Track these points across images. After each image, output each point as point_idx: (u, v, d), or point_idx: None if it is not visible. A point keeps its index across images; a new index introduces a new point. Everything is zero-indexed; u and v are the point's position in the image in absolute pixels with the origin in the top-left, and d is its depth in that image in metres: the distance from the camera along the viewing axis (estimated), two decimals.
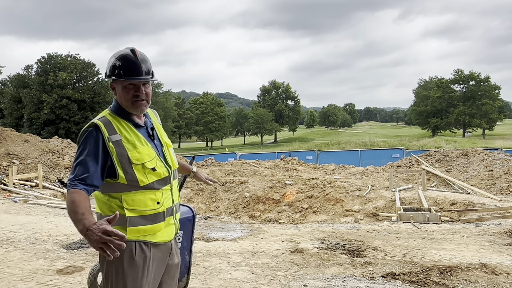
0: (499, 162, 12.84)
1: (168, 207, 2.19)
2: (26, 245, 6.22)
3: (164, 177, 2.17)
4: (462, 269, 4.82)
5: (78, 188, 1.95)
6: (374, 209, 10.81)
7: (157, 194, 2.13)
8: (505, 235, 6.54)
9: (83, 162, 2.01)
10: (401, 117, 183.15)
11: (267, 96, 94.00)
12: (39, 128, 41.72)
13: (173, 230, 2.24)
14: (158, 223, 2.13)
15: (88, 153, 2.02)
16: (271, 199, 12.19)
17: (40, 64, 46.02)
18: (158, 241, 2.15)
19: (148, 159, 2.11)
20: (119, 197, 2.08)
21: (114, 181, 2.08)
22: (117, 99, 2.17)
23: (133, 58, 2.11)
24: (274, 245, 6.08)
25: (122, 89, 2.13)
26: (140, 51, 2.15)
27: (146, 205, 2.09)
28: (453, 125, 75.80)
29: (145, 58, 2.16)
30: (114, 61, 2.13)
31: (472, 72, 75.79)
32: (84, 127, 2.11)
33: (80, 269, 5.04)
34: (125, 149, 2.07)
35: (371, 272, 4.81)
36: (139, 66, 2.11)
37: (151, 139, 2.21)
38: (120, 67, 2.10)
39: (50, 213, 8.90)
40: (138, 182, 2.07)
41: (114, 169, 2.06)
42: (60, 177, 13.58)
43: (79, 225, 1.80)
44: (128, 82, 2.11)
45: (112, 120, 2.13)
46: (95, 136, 2.05)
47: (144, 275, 2.10)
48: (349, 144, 48.75)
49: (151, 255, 2.13)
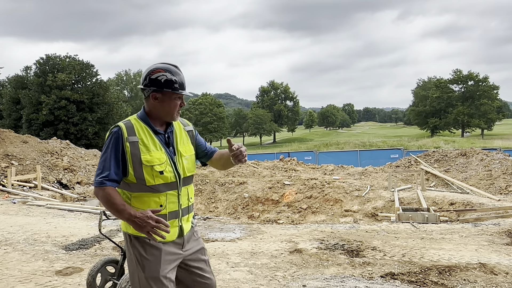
0: (498, 162, 12.86)
1: (172, 210, 2.40)
2: (25, 246, 6.21)
3: (170, 182, 2.38)
4: (461, 269, 4.82)
5: (106, 186, 2.25)
6: (373, 209, 10.81)
7: (161, 197, 2.36)
8: (503, 235, 6.55)
9: (105, 159, 2.31)
10: (400, 117, 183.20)
11: (266, 96, 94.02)
12: (38, 129, 41.61)
13: (176, 231, 2.44)
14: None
15: (110, 152, 2.31)
16: (270, 200, 12.20)
17: (38, 65, 45.91)
18: (161, 240, 2.34)
19: (158, 162, 2.34)
20: (129, 196, 2.37)
21: (126, 180, 2.35)
22: (156, 108, 2.41)
23: (182, 75, 2.43)
24: (273, 246, 6.08)
25: (170, 101, 2.39)
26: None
27: (149, 206, 2.33)
28: (452, 125, 75.83)
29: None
30: (169, 76, 2.36)
31: (471, 72, 75.85)
32: (110, 129, 2.39)
33: (79, 270, 5.03)
34: (139, 150, 2.32)
35: (370, 272, 4.82)
36: (184, 82, 2.44)
37: (167, 146, 2.43)
38: (176, 82, 2.37)
39: (49, 214, 8.89)
40: (145, 181, 2.31)
41: (126, 167, 2.32)
42: (59, 178, 13.56)
43: (124, 213, 2.18)
44: (177, 95, 2.40)
45: (135, 124, 2.39)
46: (116, 136, 2.32)
47: (159, 265, 2.35)
48: (348, 145, 48.79)
49: (164, 249, 2.38)
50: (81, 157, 16.05)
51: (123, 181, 2.36)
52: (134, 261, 2.39)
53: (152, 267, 2.35)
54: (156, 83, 2.36)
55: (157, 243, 2.36)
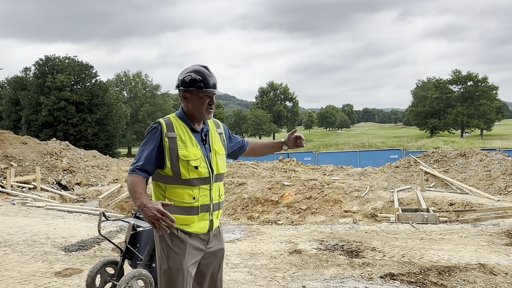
0: (497, 162, 12.87)
1: (203, 204, 2.56)
2: (24, 247, 6.20)
3: (204, 177, 2.54)
4: (460, 270, 4.83)
5: (136, 173, 2.43)
6: (372, 209, 10.82)
7: (194, 190, 2.52)
8: (503, 235, 6.55)
9: (142, 151, 2.50)
10: (399, 117, 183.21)
11: (265, 97, 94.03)
12: (37, 130, 41.57)
13: (207, 224, 2.59)
14: (191, 216, 2.52)
15: (147, 145, 2.50)
16: (269, 200, 12.19)
17: (38, 66, 45.88)
18: (192, 231, 2.53)
19: (193, 158, 2.51)
20: (163, 188, 2.53)
21: (163, 172, 2.50)
22: (187, 107, 2.59)
23: (209, 74, 2.57)
24: (272, 246, 6.08)
25: (199, 100, 2.56)
26: (210, 69, 2.62)
27: (183, 198, 2.50)
28: (451, 126, 75.84)
29: (214, 74, 2.64)
30: (194, 75, 2.55)
31: (470, 72, 75.89)
32: (155, 122, 2.57)
33: (79, 272, 5.03)
34: (176, 146, 2.49)
35: (370, 272, 4.82)
36: (213, 81, 2.58)
37: (203, 143, 2.61)
38: (200, 81, 2.53)
39: (48, 215, 8.88)
40: (180, 175, 2.48)
41: (164, 160, 2.48)
42: (59, 179, 13.55)
43: (138, 201, 2.29)
44: (205, 93, 2.54)
45: (174, 121, 2.57)
46: (156, 131, 2.51)
47: (183, 257, 2.50)
48: (348, 145, 48.79)
49: (190, 242, 2.53)
50: (81, 158, 16.04)
51: (159, 173, 2.53)
52: (160, 252, 2.55)
53: (177, 259, 2.50)
54: (183, 83, 2.56)
55: (184, 236, 2.51)
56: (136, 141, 68.22)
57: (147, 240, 3.69)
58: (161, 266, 2.56)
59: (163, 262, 2.55)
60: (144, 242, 3.72)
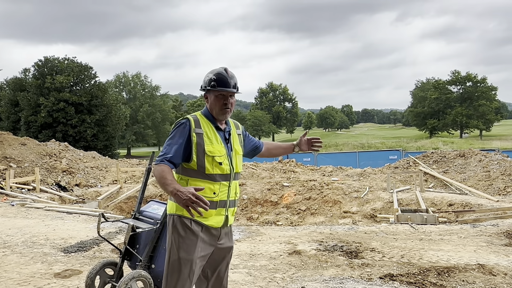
0: (496, 163, 12.88)
1: (222, 199, 2.69)
2: (24, 248, 6.20)
3: (225, 173, 2.69)
4: (459, 270, 4.83)
5: (163, 163, 2.54)
6: (372, 210, 10.82)
7: (215, 186, 2.66)
8: (502, 236, 6.56)
9: (170, 144, 2.62)
10: (399, 118, 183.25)
11: (265, 98, 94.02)
12: (36, 132, 41.52)
13: (223, 219, 2.72)
14: (210, 209, 2.58)
15: (175, 138, 2.63)
16: (269, 201, 12.19)
17: (37, 67, 45.85)
18: (208, 224, 2.66)
19: (218, 154, 2.67)
20: (186, 180, 2.66)
21: (187, 166, 2.65)
22: (208, 107, 2.76)
23: (225, 74, 2.71)
24: (272, 247, 6.08)
25: (214, 98, 2.71)
26: (230, 70, 2.75)
27: (204, 192, 2.60)
28: (451, 126, 75.91)
29: (234, 75, 2.76)
30: (210, 76, 2.71)
31: (469, 73, 75.98)
32: (178, 119, 2.73)
33: (78, 273, 5.02)
34: (203, 141, 2.65)
35: (369, 273, 4.82)
36: (229, 81, 2.70)
37: (226, 142, 2.76)
38: (215, 80, 2.68)
39: (48, 216, 8.87)
40: (205, 169, 2.63)
41: (190, 154, 2.63)
42: (58, 180, 13.54)
43: (170, 187, 2.42)
44: (219, 92, 2.69)
45: (201, 119, 2.73)
46: (184, 127, 2.65)
47: (194, 250, 2.62)
48: (347, 146, 48.80)
49: (201, 236, 2.65)
50: (80, 159, 16.03)
51: (183, 166, 2.67)
52: (172, 243, 2.66)
53: (188, 250, 2.61)
54: (203, 84, 2.76)
55: (197, 229, 2.63)
56: (135, 142, 68.24)
57: (146, 241, 3.69)
58: (170, 256, 2.65)
59: (173, 252, 2.64)
60: (144, 243, 3.71)
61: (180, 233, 2.63)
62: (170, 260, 2.65)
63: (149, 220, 3.68)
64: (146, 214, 3.78)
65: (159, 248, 3.58)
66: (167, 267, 2.67)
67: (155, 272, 3.56)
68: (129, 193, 13.12)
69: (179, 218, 2.66)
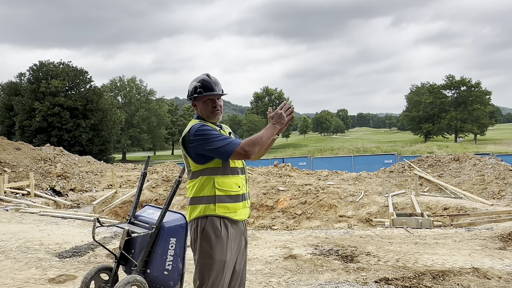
0: (491, 167, 12.95)
1: (244, 192, 2.83)
2: (18, 254, 6.16)
3: (241, 167, 2.85)
4: (454, 274, 4.85)
5: (238, 141, 2.68)
6: (367, 214, 10.84)
7: (238, 179, 2.79)
8: (496, 239, 6.59)
9: (217, 136, 2.66)
10: (394, 122, 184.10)
11: (260, 102, 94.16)
12: (31, 136, 41.37)
13: (247, 212, 2.88)
14: (238, 203, 2.77)
15: (214, 132, 2.70)
16: (264, 206, 12.19)
17: (32, 72, 45.77)
18: (238, 218, 2.76)
19: None
20: (212, 179, 2.71)
21: (211, 165, 2.71)
22: (199, 113, 2.85)
23: (209, 80, 2.81)
24: (267, 252, 6.08)
25: (203, 104, 2.81)
26: (212, 75, 2.86)
27: (231, 187, 2.74)
28: (445, 130, 76.32)
29: (217, 79, 2.87)
30: (195, 84, 2.81)
31: (463, 78, 76.52)
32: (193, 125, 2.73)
33: (73, 278, 5.00)
34: None
35: (364, 277, 4.83)
36: (214, 85, 2.81)
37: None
38: (200, 87, 2.79)
39: (42, 221, 8.83)
40: (229, 163, 2.72)
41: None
42: (52, 185, 13.48)
43: (268, 130, 2.71)
44: (207, 97, 2.79)
45: (206, 122, 2.80)
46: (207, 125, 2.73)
47: (228, 248, 2.70)
48: (342, 150, 48.87)
49: (232, 233, 2.74)
50: (75, 164, 15.97)
51: (207, 168, 2.72)
52: (202, 245, 2.68)
53: (221, 250, 2.68)
54: (189, 93, 2.86)
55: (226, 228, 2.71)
56: (130, 147, 68.11)
57: (141, 246, 3.68)
58: (204, 260, 2.68)
59: (207, 255, 2.67)
60: (139, 248, 3.70)
61: (212, 236, 2.67)
62: (206, 264, 2.68)
63: (145, 225, 3.67)
64: (141, 219, 3.77)
65: (154, 253, 3.57)
66: (202, 271, 2.69)
67: (150, 277, 3.55)
68: (124, 197, 13.08)
69: (209, 222, 2.69)
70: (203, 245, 2.68)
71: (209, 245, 2.66)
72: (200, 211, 2.72)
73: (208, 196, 2.70)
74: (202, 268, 2.69)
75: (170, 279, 3.40)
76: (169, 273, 3.40)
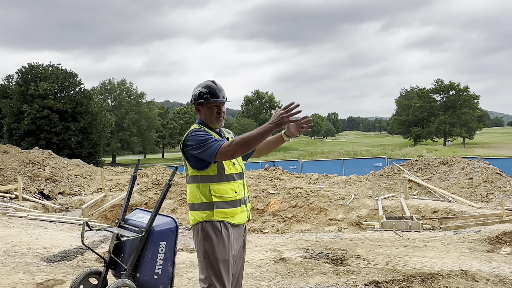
0: (479, 170, 13.09)
1: (241, 197, 2.91)
2: (5, 258, 6.08)
3: (239, 172, 2.93)
4: (443, 276, 4.89)
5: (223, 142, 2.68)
6: (357, 217, 10.88)
7: (235, 185, 2.86)
8: (484, 242, 6.66)
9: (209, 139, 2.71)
10: (384, 126, 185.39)
11: (251, 106, 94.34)
12: (19, 139, 40.91)
13: (246, 215, 2.96)
14: (236, 208, 2.85)
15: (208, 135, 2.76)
16: (255, 209, 12.18)
17: (20, 74, 45.32)
18: (236, 222, 2.87)
19: None
20: (208, 187, 2.80)
21: (205, 173, 2.78)
22: (202, 118, 2.93)
23: (215, 87, 2.90)
24: (258, 255, 6.08)
25: (208, 110, 2.89)
26: (217, 82, 2.94)
27: (227, 193, 2.82)
28: (434, 134, 77.03)
29: (221, 87, 2.94)
30: (201, 89, 2.88)
31: (452, 82, 77.43)
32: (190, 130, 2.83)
33: (61, 282, 4.95)
34: None
35: (354, 280, 4.85)
36: (219, 92, 2.90)
37: None
38: (207, 93, 2.87)
39: (30, 225, 8.73)
40: (225, 170, 2.80)
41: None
42: (41, 188, 13.34)
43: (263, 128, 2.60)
44: (212, 103, 2.87)
45: (204, 128, 2.88)
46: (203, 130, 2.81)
47: (229, 248, 2.81)
48: (333, 154, 49.07)
49: (232, 233, 2.85)
50: (64, 167, 15.82)
51: (202, 175, 2.80)
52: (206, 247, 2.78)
53: (223, 251, 2.78)
54: (194, 98, 2.92)
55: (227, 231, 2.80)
56: (120, 150, 67.63)
57: (131, 250, 3.66)
58: (210, 261, 2.78)
59: (212, 257, 2.77)
60: (128, 252, 3.68)
61: (213, 237, 2.78)
62: (211, 265, 2.77)
63: (134, 229, 3.65)
64: (131, 223, 3.75)
65: (144, 256, 3.55)
66: (208, 272, 2.78)
67: (140, 281, 3.53)
68: (114, 201, 12.98)
69: (209, 224, 2.79)
70: (206, 246, 2.78)
71: (211, 246, 2.77)
72: (200, 217, 2.82)
73: (206, 203, 2.80)
74: (207, 268, 2.79)
75: (160, 283, 3.39)
76: (158, 277, 3.38)
